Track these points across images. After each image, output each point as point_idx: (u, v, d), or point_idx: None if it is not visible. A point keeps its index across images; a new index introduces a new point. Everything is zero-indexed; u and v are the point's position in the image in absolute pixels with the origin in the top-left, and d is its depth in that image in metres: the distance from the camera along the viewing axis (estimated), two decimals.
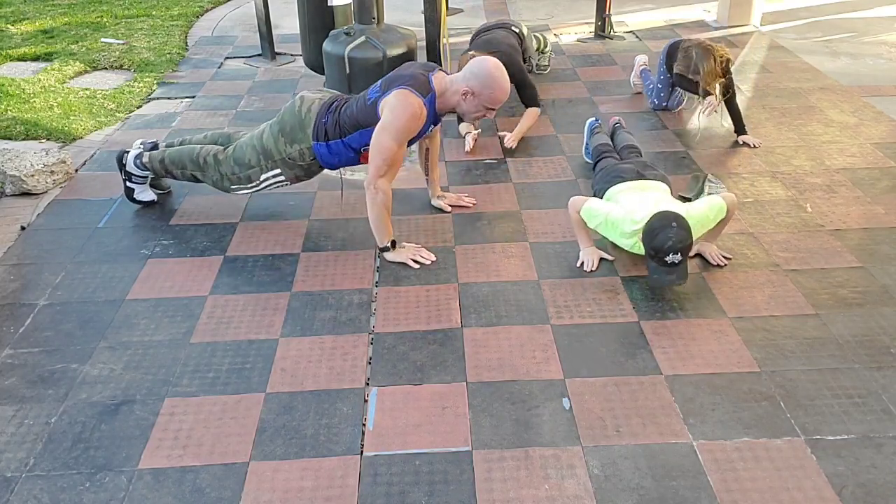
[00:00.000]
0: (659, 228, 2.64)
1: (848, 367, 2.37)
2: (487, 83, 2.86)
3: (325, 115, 3.00)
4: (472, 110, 2.94)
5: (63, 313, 2.71)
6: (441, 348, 2.50)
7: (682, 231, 2.63)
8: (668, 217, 2.66)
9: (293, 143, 3.03)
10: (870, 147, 3.91)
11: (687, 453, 2.06)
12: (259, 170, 3.10)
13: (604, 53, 5.59)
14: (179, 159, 3.24)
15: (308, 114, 3.02)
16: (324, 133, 2.99)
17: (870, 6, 6.71)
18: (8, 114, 4.47)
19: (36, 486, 2.00)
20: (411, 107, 2.80)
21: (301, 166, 3.09)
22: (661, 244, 2.63)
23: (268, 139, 3.07)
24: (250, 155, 3.10)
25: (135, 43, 6.02)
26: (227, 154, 3.16)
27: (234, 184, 3.18)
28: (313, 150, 3.02)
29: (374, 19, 4.29)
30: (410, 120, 2.81)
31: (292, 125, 3.03)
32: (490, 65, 2.88)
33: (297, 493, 1.97)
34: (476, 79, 2.87)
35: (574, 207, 2.95)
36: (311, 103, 3.05)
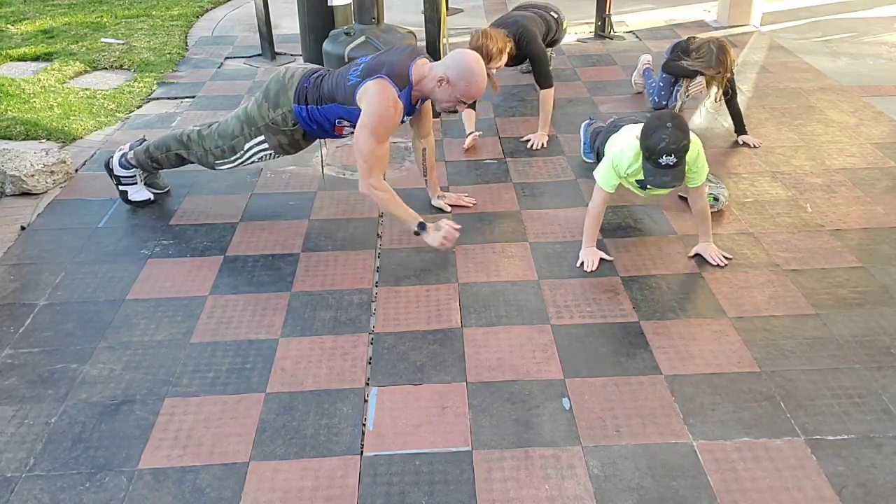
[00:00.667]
0: (654, 128, 2.62)
1: (848, 367, 2.37)
2: (464, 75, 2.86)
3: (306, 80, 3.02)
4: (445, 99, 2.92)
5: (63, 313, 2.71)
6: (441, 348, 2.50)
7: (678, 132, 2.59)
8: (664, 117, 2.64)
9: (276, 107, 3.04)
10: (870, 147, 3.91)
11: (687, 453, 2.07)
12: (242, 139, 3.11)
13: (604, 53, 5.59)
14: (163, 142, 3.28)
15: (291, 79, 3.04)
16: (304, 96, 3.00)
17: (870, 6, 6.71)
18: (8, 114, 4.47)
19: (36, 486, 2.00)
20: (387, 101, 2.79)
21: (284, 132, 3.07)
22: (656, 144, 2.60)
23: (252, 107, 3.11)
24: (234, 125, 3.12)
25: (135, 43, 6.02)
26: (210, 130, 3.19)
27: (219, 158, 3.19)
28: (294, 112, 3.02)
29: (374, 19, 4.29)
30: (386, 116, 2.81)
31: (276, 91, 3.05)
32: (470, 57, 2.89)
33: (297, 493, 1.97)
34: (455, 69, 2.86)
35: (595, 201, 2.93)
36: (295, 70, 3.09)
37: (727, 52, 3.77)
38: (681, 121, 2.65)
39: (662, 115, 2.68)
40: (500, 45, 3.79)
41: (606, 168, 2.91)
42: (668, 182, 2.67)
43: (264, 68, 5.44)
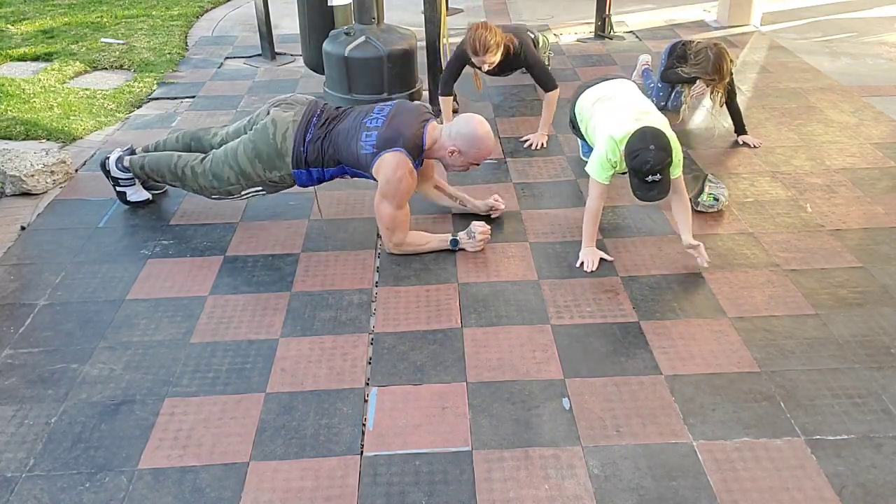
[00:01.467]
0: (638, 150, 2.71)
1: (848, 367, 2.37)
2: (474, 143, 2.96)
3: (302, 144, 3.00)
4: (458, 165, 3.04)
5: (63, 313, 2.71)
6: (441, 348, 2.50)
7: (661, 152, 2.69)
8: (647, 138, 2.73)
9: (272, 169, 3.04)
10: (870, 147, 3.91)
11: (687, 453, 2.07)
12: (239, 187, 3.11)
13: (604, 53, 5.59)
14: (158, 168, 3.24)
15: (284, 142, 3.00)
16: (304, 161, 3.02)
17: (870, 6, 6.71)
18: (8, 114, 4.47)
19: (36, 486, 2.00)
20: (405, 174, 2.88)
21: (282, 186, 3.14)
22: (640, 166, 2.70)
23: (244, 162, 3.04)
24: (228, 174, 3.08)
25: (135, 43, 6.02)
26: (204, 168, 3.13)
27: (214, 195, 3.19)
28: (293, 175, 3.06)
29: (374, 19, 4.30)
30: (406, 187, 2.90)
31: (269, 154, 3.01)
32: (476, 123, 2.97)
33: (297, 493, 1.97)
34: (462, 139, 2.96)
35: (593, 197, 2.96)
36: (284, 129, 3.01)
37: (725, 58, 3.75)
38: (661, 139, 2.73)
39: (644, 135, 2.74)
40: (497, 39, 3.79)
41: (599, 160, 2.93)
42: (654, 196, 2.77)
43: (264, 68, 5.44)
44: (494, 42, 3.77)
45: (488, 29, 3.78)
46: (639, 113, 2.95)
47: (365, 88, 4.39)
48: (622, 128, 2.86)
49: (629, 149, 2.75)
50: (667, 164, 2.70)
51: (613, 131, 2.89)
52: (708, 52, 3.79)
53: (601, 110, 3.12)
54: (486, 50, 3.75)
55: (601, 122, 3.06)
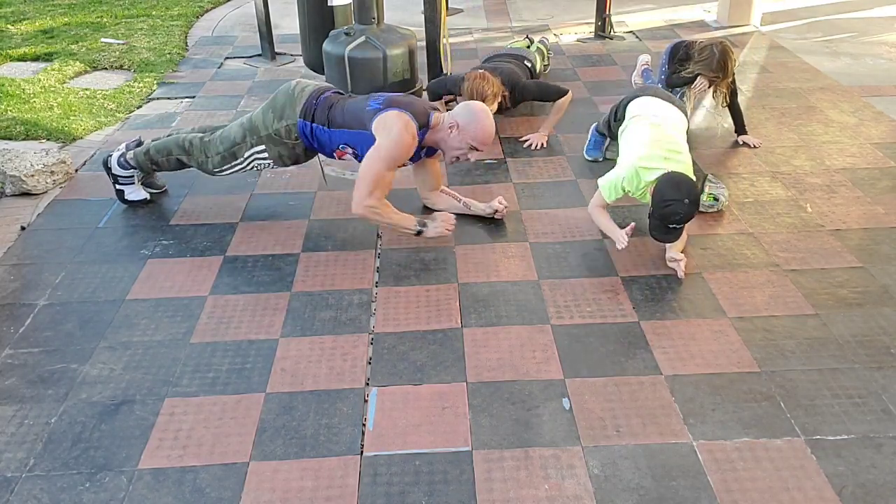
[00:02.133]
0: (671, 200, 2.71)
1: (848, 367, 2.37)
2: (472, 119, 2.97)
3: (316, 98, 3.05)
4: (456, 146, 3.01)
5: (63, 313, 2.71)
6: (441, 348, 2.50)
7: (692, 206, 2.72)
8: (682, 189, 2.73)
9: (281, 119, 3.05)
10: (870, 147, 3.91)
11: (687, 453, 2.07)
12: (244, 146, 3.12)
13: (604, 54, 5.59)
14: (164, 146, 3.28)
15: (301, 94, 3.07)
16: (311, 113, 3.02)
17: (870, 6, 6.71)
18: (8, 114, 4.47)
19: (36, 486, 2.00)
20: (406, 133, 2.85)
21: (286, 144, 3.09)
22: (670, 215, 2.73)
23: (257, 117, 3.13)
24: (236, 132, 3.13)
25: (135, 43, 6.02)
26: (214, 136, 3.20)
27: (218, 165, 3.19)
28: (297, 126, 3.04)
29: (374, 19, 4.30)
30: (403, 148, 2.87)
31: (283, 103, 3.07)
32: (479, 107, 3.02)
33: (297, 493, 1.97)
34: (461, 116, 2.98)
35: (594, 204, 3.02)
36: (305, 86, 3.12)
37: (729, 56, 3.76)
38: (695, 192, 2.76)
39: (680, 185, 2.74)
40: (494, 90, 3.88)
41: (613, 183, 2.97)
42: (670, 239, 2.84)
43: (264, 68, 5.44)
44: (492, 93, 3.86)
45: (485, 79, 3.86)
46: (669, 151, 2.93)
47: (365, 88, 4.39)
48: (650, 162, 2.88)
49: (661, 195, 2.74)
50: (692, 216, 2.75)
51: (640, 164, 2.90)
52: (713, 49, 3.79)
53: (643, 125, 3.10)
54: (483, 100, 3.81)
55: (631, 143, 3.05)
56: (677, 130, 3.14)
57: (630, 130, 3.16)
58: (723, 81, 3.79)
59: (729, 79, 3.80)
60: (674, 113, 3.25)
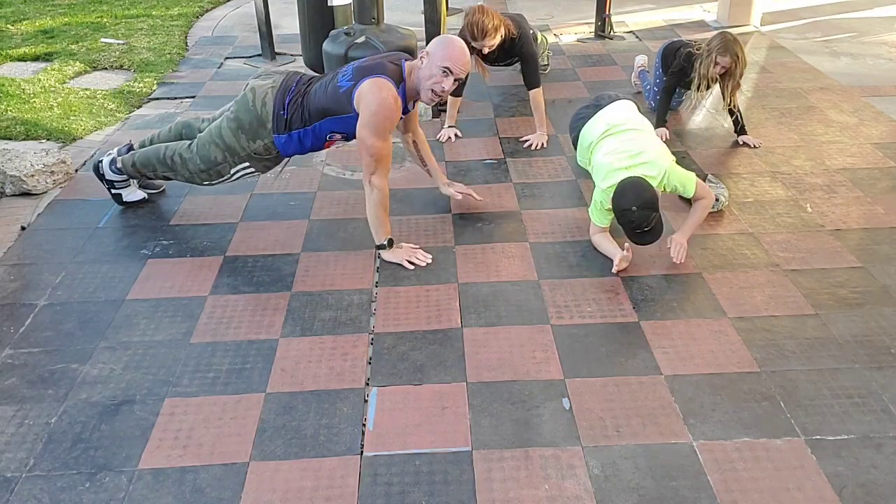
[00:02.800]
0: (623, 210, 2.78)
1: (848, 367, 2.37)
2: (442, 43, 2.87)
3: (282, 107, 2.97)
4: (428, 74, 2.83)
5: (63, 313, 2.71)
6: (441, 348, 2.50)
7: (644, 211, 2.75)
8: (630, 197, 2.77)
9: (255, 139, 3.01)
10: (870, 147, 3.91)
11: (687, 453, 2.06)
12: (227, 165, 3.09)
13: (604, 53, 5.59)
14: (148, 161, 3.22)
15: (264, 108, 2.98)
16: (285, 125, 2.97)
17: (870, 6, 6.71)
18: (8, 114, 4.47)
19: (36, 486, 2.00)
20: (387, 99, 2.79)
21: (268, 158, 3.09)
22: (626, 223, 2.80)
23: (228, 136, 3.03)
24: (215, 153, 3.07)
25: (135, 43, 6.02)
26: (192, 152, 3.12)
27: (205, 180, 3.18)
28: (275, 143, 3.02)
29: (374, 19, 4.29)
30: (388, 112, 2.81)
31: (250, 121, 3.00)
32: (448, 35, 2.97)
33: (297, 493, 1.97)
34: (432, 45, 2.90)
35: (593, 233, 3.06)
36: (263, 95, 3.00)
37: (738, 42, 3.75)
38: (644, 194, 2.76)
39: (626, 193, 2.78)
40: (495, 23, 3.78)
41: (596, 210, 3.02)
42: (648, 241, 2.85)
43: (264, 68, 5.42)
44: (492, 26, 3.77)
45: (485, 13, 3.78)
46: (629, 157, 2.93)
47: None
48: (611, 180, 2.90)
49: (615, 206, 2.83)
50: (653, 217, 2.76)
51: (604, 184, 2.93)
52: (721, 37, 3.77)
53: (600, 151, 3.08)
54: (484, 34, 3.76)
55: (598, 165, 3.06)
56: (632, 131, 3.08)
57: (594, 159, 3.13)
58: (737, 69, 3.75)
59: (743, 67, 3.77)
60: (617, 110, 3.21)
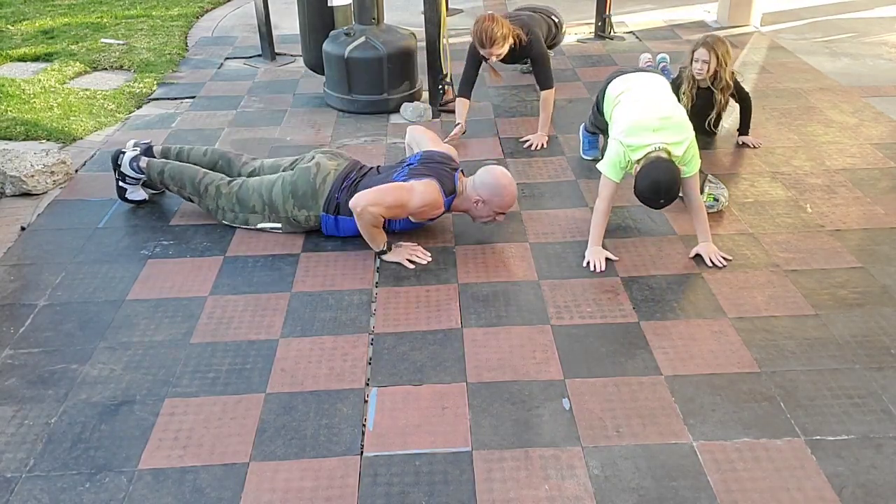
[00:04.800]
0: (649, 189, 2.75)
1: (848, 368, 2.37)
2: (497, 192, 3.00)
3: (338, 190, 3.05)
4: (484, 216, 3.08)
5: (63, 313, 2.71)
6: (441, 348, 2.50)
7: (670, 193, 2.75)
8: (660, 190, 2.74)
9: (302, 208, 3.07)
10: (870, 147, 3.91)
11: (687, 453, 2.06)
12: (260, 217, 3.14)
13: (604, 54, 5.59)
14: (180, 178, 3.24)
15: (323, 185, 3.06)
16: (335, 207, 3.05)
17: (870, 6, 6.71)
18: (8, 114, 4.47)
19: (36, 486, 2.00)
20: (434, 201, 2.94)
21: (302, 227, 3.14)
22: (649, 202, 2.80)
23: (277, 196, 3.09)
24: (255, 200, 3.12)
25: (135, 43, 6.02)
26: (230, 190, 3.17)
27: (226, 218, 3.21)
28: (320, 219, 3.08)
29: (374, 19, 4.30)
30: (428, 207, 2.95)
31: (304, 191, 3.06)
32: (499, 173, 3.03)
33: (297, 493, 1.97)
34: (486, 188, 3.00)
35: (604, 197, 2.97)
36: (326, 173, 3.09)
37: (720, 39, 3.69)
38: (672, 189, 2.75)
39: (658, 187, 2.74)
40: (504, 31, 3.81)
41: (612, 162, 2.92)
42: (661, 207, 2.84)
43: (264, 69, 5.44)
44: (501, 35, 3.79)
45: (495, 21, 3.80)
46: (660, 119, 2.88)
47: (365, 89, 4.40)
48: (639, 140, 2.83)
49: (639, 190, 2.77)
50: (673, 199, 2.78)
51: (629, 141, 2.85)
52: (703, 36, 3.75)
53: (626, 103, 3.07)
54: (492, 42, 3.78)
55: (621, 116, 3.02)
56: (662, 94, 3.11)
57: (616, 112, 3.11)
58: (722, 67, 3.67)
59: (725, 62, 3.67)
60: (652, 78, 3.23)
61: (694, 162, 2.89)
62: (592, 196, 3.22)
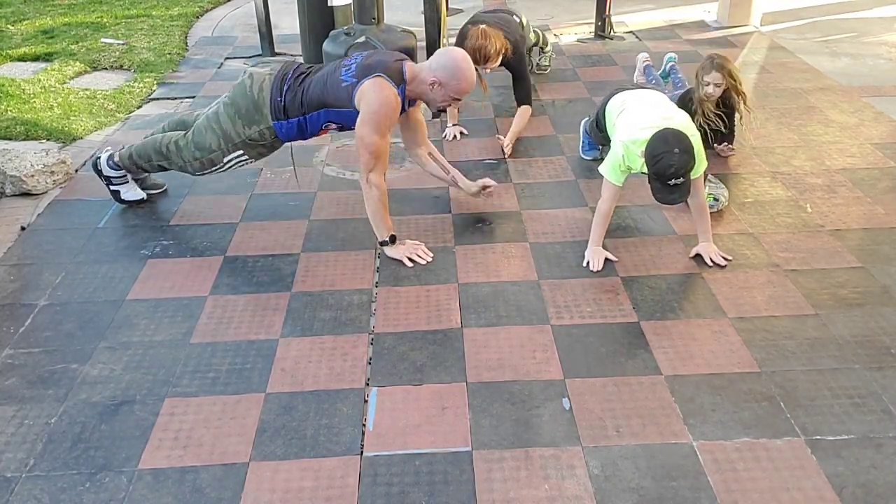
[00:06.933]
0: (661, 154, 2.63)
1: (848, 367, 2.37)
2: (455, 73, 2.92)
3: (279, 93, 2.99)
4: (439, 99, 2.99)
5: (63, 313, 2.71)
6: (441, 348, 2.50)
7: (685, 155, 2.63)
8: (670, 141, 2.65)
9: (251, 124, 3.03)
10: (870, 147, 3.91)
11: (687, 453, 2.06)
12: (220, 153, 3.11)
13: (604, 54, 5.59)
14: (144, 151, 3.25)
15: (261, 93, 3.01)
16: (282, 111, 2.99)
17: (870, 6, 6.71)
18: (8, 114, 4.47)
19: (36, 486, 2.00)
20: (387, 98, 2.84)
21: (263, 144, 3.10)
22: (664, 170, 2.63)
23: (225, 122, 3.06)
24: (210, 139, 3.09)
25: (135, 43, 6.02)
26: (187, 139, 3.15)
27: (198, 170, 3.19)
28: (273, 128, 3.04)
29: (374, 19, 4.30)
30: (388, 111, 2.85)
31: (247, 107, 3.02)
32: (458, 55, 2.96)
33: (297, 494, 1.97)
34: (443, 69, 2.92)
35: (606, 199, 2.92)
36: (261, 80, 3.04)
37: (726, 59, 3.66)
38: (685, 142, 2.66)
39: (668, 138, 2.66)
40: (497, 47, 3.79)
41: (613, 163, 2.89)
42: (675, 199, 2.72)
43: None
44: (495, 51, 3.79)
45: (487, 38, 3.78)
46: (662, 119, 2.84)
47: None
48: (643, 133, 2.77)
49: (651, 152, 2.67)
50: (690, 167, 2.66)
51: (633, 136, 2.80)
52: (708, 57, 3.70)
53: (628, 111, 3.03)
54: (486, 59, 3.77)
55: (623, 122, 2.98)
56: (663, 101, 3.06)
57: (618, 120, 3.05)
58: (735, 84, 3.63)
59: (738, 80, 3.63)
60: (652, 92, 3.19)
61: (700, 163, 2.85)
62: (592, 196, 3.22)
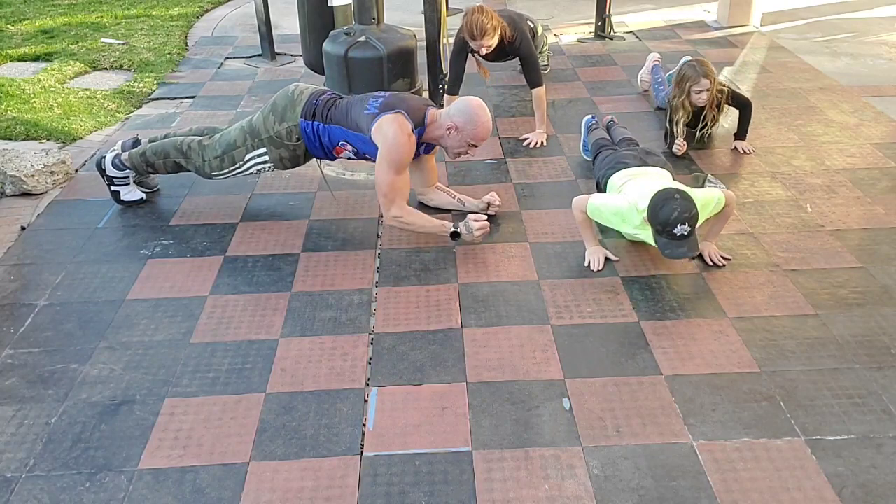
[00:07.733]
0: (662, 202, 2.64)
1: (848, 367, 2.37)
2: (471, 120, 2.99)
3: (315, 99, 3.10)
4: (456, 145, 3.07)
5: (63, 313, 2.71)
6: (441, 348, 2.50)
7: (686, 202, 2.63)
8: (670, 191, 2.67)
9: (282, 121, 3.09)
10: (870, 147, 3.90)
11: (687, 453, 2.06)
12: (244, 149, 3.14)
13: (604, 54, 5.59)
14: (162, 149, 3.28)
15: (300, 95, 3.12)
16: (311, 112, 3.06)
17: (870, 6, 6.71)
18: (8, 114, 4.47)
19: (36, 486, 2.00)
20: (403, 134, 2.91)
21: (286, 146, 3.12)
22: (667, 217, 2.62)
23: (257, 120, 3.15)
24: (237, 136, 3.16)
25: (135, 43, 6.02)
26: (213, 140, 3.22)
27: (216, 169, 3.21)
28: (300, 127, 3.07)
29: (374, 19, 4.29)
30: (403, 148, 2.91)
31: (283, 105, 3.10)
32: (475, 103, 3.04)
33: (297, 493, 1.97)
34: (461, 115, 3.00)
35: (578, 207, 2.95)
36: (304, 88, 3.16)
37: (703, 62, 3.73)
38: (684, 192, 2.68)
39: (667, 191, 2.67)
40: (493, 23, 3.81)
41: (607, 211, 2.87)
42: (684, 252, 2.68)
43: (264, 68, 5.44)
44: (491, 26, 3.79)
45: (484, 13, 3.80)
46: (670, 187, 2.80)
47: (365, 88, 4.37)
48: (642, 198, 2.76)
49: (654, 206, 2.65)
50: (694, 214, 2.62)
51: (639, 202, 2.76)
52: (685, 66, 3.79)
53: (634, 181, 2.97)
54: (482, 34, 3.78)
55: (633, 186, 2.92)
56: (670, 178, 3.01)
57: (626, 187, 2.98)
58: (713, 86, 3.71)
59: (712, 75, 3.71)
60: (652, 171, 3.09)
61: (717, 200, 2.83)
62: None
